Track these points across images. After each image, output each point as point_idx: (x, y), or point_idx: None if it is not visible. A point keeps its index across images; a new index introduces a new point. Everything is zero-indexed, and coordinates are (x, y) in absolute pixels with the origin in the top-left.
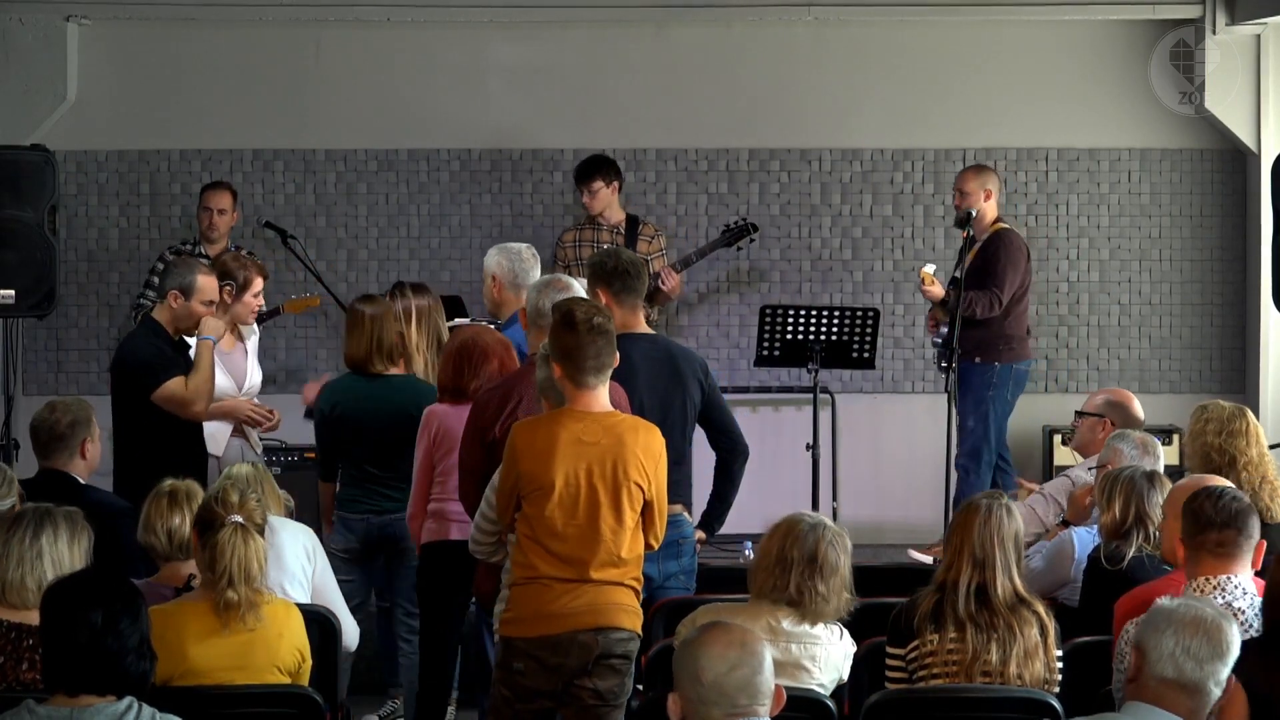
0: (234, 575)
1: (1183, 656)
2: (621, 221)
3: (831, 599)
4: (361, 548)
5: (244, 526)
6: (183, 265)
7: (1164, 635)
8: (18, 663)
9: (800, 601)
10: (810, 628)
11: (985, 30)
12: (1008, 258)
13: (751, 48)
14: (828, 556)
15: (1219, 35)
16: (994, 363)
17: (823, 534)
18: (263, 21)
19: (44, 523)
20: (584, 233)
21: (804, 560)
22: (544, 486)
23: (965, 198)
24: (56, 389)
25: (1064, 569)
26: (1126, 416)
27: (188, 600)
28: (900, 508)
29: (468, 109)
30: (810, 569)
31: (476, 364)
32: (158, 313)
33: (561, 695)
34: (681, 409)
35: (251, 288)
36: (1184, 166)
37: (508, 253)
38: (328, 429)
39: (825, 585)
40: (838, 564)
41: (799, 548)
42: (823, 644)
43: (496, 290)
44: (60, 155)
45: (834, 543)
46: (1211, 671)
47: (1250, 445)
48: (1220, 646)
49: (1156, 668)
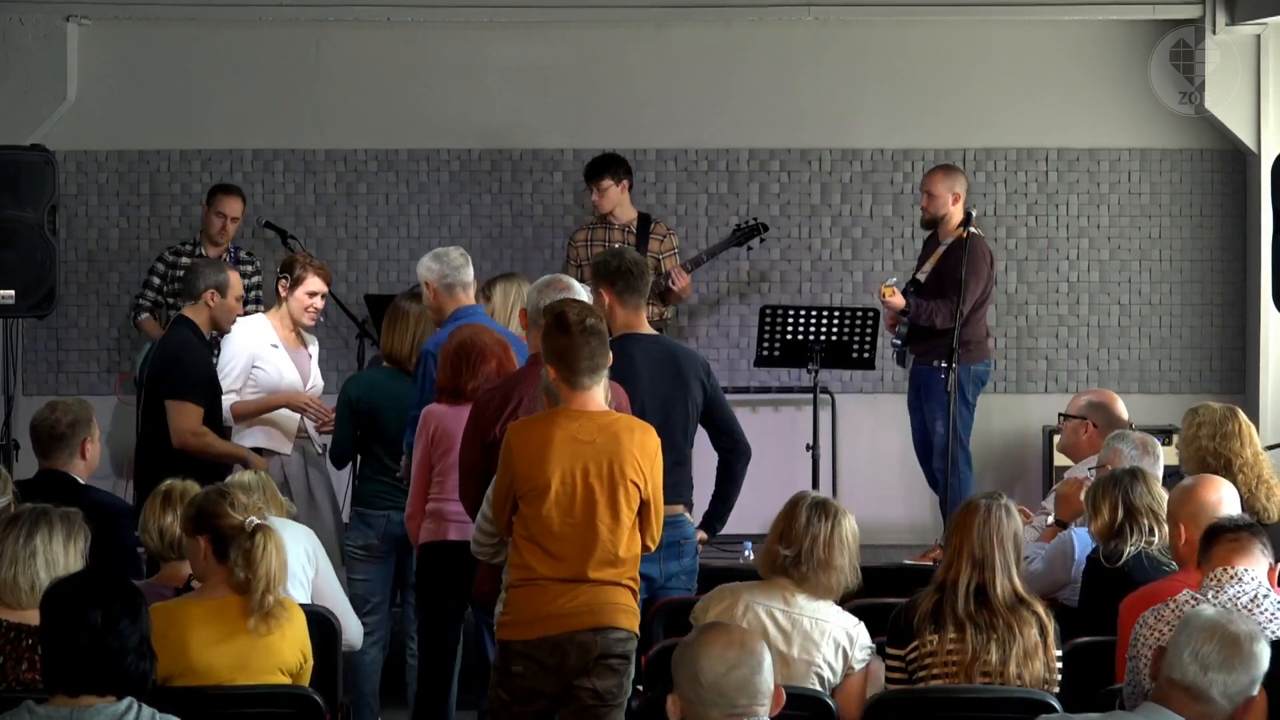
0: (272, 579)
1: (1190, 659)
2: (633, 220)
3: (839, 573)
4: (380, 544)
5: (271, 529)
6: (209, 266)
7: (1182, 636)
8: (17, 663)
9: (808, 576)
10: (818, 604)
11: (985, 30)
12: (971, 267)
13: (751, 48)
14: (835, 531)
15: (1219, 35)
16: (953, 365)
17: (831, 509)
18: (263, 21)
19: (40, 523)
20: (595, 232)
21: (812, 535)
22: (540, 486)
23: (933, 200)
24: (56, 389)
25: (1063, 569)
26: (1109, 417)
27: (193, 599)
28: (900, 508)
29: (468, 109)
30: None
31: (475, 364)
32: (192, 313)
33: (560, 696)
34: (683, 409)
35: (305, 285)
36: (1184, 166)
37: (436, 256)
38: (354, 419)
39: (835, 559)
40: (844, 539)
41: (808, 523)
42: (828, 624)
43: (432, 296)
44: (60, 155)
45: (840, 518)
46: (1217, 681)
47: (1244, 446)
48: (1233, 660)
49: (1167, 667)
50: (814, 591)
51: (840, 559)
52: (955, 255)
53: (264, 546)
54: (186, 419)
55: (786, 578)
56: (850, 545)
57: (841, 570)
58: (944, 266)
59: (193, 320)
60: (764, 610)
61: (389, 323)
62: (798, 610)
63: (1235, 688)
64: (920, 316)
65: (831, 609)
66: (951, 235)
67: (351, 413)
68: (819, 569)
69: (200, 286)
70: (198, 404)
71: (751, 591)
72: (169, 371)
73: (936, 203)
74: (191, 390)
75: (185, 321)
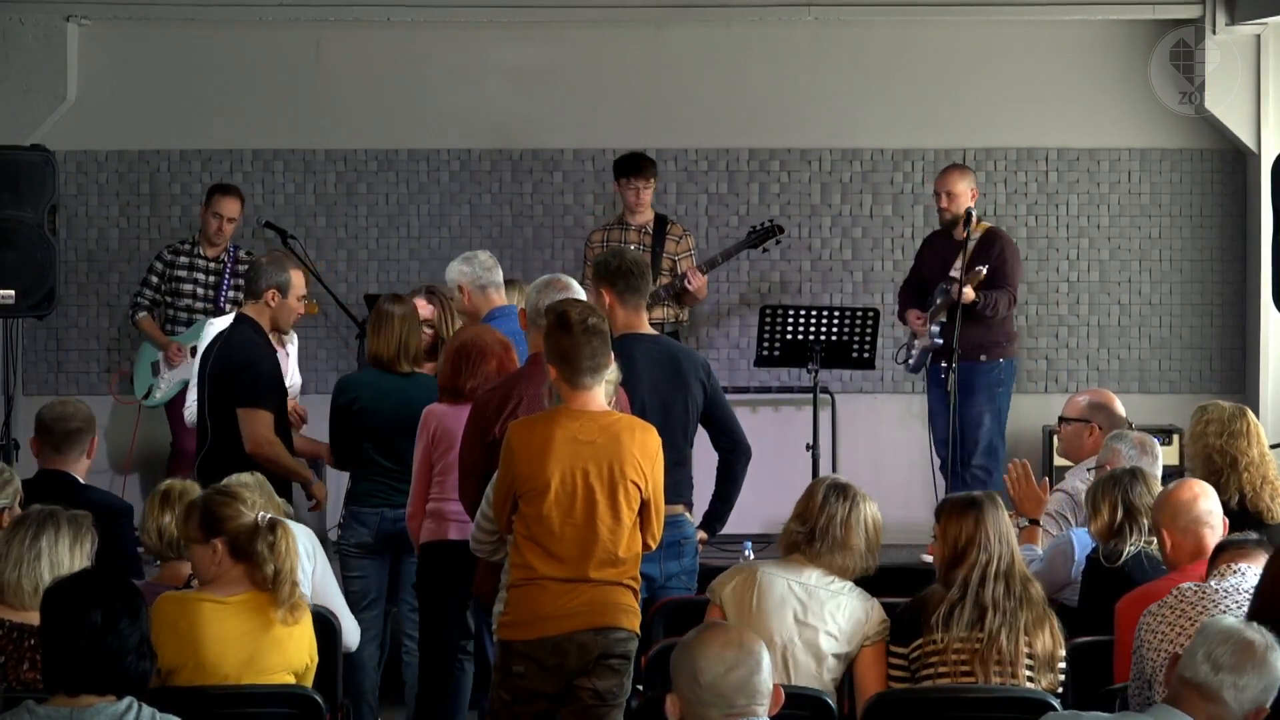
0: (294, 571)
1: (1203, 659)
2: (649, 221)
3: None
4: (375, 542)
5: (284, 521)
6: (274, 263)
7: (1198, 639)
8: (19, 663)
9: (822, 554)
10: (834, 579)
11: (985, 30)
12: (1014, 256)
13: (751, 48)
14: (854, 513)
15: (1219, 35)
16: (998, 359)
17: (851, 492)
18: (263, 21)
19: (46, 524)
20: (612, 233)
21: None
22: (540, 486)
23: (954, 199)
24: (56, 389)
25: (1064, 569)
26: (1112, 418)
27: (208, 594)
28: (900, 508)
29: (468, 109)
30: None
31: (475, 363)
32: (254, 312)
33: (561, 696)
34: (683, 409)
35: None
36: (1184, 166)
37: (468, 260)
38: (345, 422)
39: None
40: (862, 521)
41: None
42: (844, 596)
43: (466, 299)
44: (60, 155)
45: (859, 501)
46: (1227, 681)
47: (1251, 446)
48: (1244, 662)
49: (1180, 668)
50: (829, 569)
51: (856, 540)
52: (993, 249)
53: (285, 539)
54: (262, 426)
55: (802, 555)
56: (869, 529)
57: (857, 552)
58: (982, 260)
59: (255, 319)
60: (782, 581)
61: (374, 326)
62: (814, 583)
63: (1247, 692)
64: (987, 308)
65: (847, 584)
66: (976, 231)
67: (344, 415)
68: (834, 548)
69: (262, 285)
70: (271, 410)
71: (768, 565)
72: (242, 378)
73: (958, 201)
74: (265, 398)
75: (248, 321)
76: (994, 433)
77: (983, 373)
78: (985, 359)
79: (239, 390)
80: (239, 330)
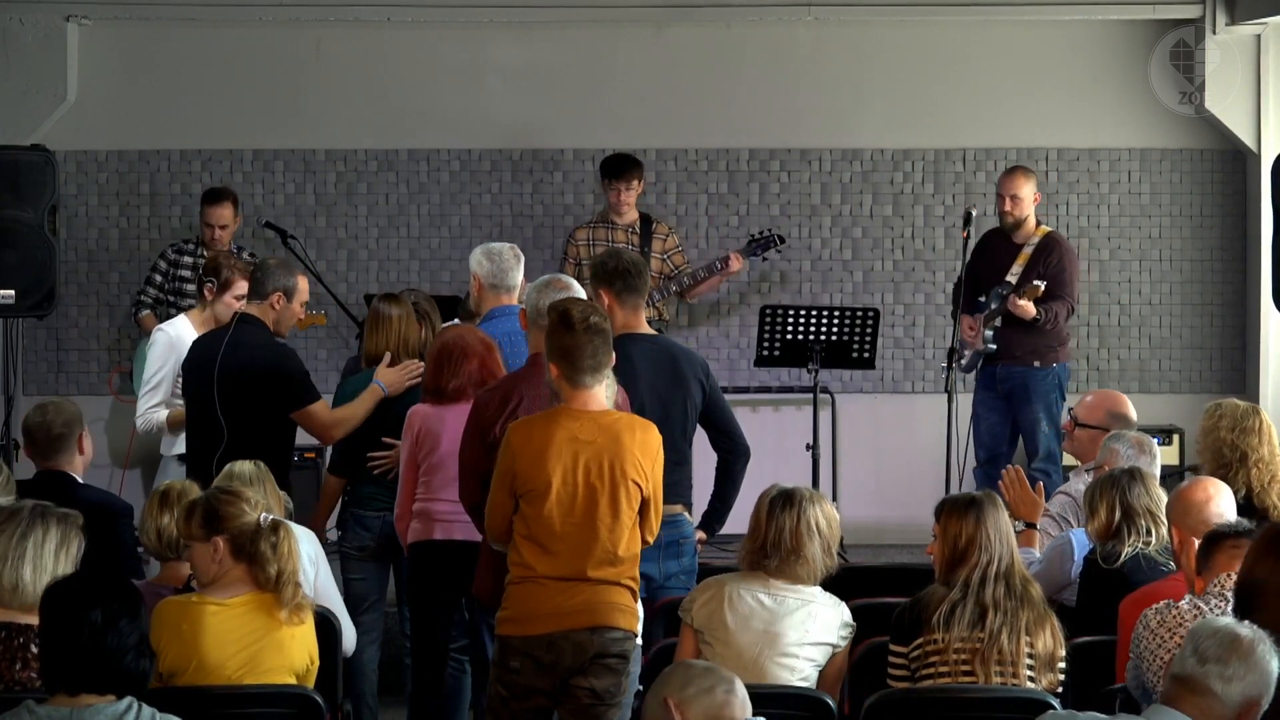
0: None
1: (1190, 654)
2: (635, 220)
3: (810, 562)
4: (377, 546)
5: (285, 521)
6: (282, 268)
7: (1189, 638)
8: (11, 662)
9: (782, 568)
10: (799, 587)
11: (986, 30)
12: (1073, 263)
13: (751, 48)
14: (801, 520)
15: (1219, 35)
16: (1053, 365)
17: (796, 498)
18: (263, 21)
19: (35, 524)
20: (597, 230)
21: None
22: (540, 486)
23: (1019, 203)
24: (56, 389)
25: (1062, 570)
26: (1128, 425)
27: (209, 596)
28: (900, 508)
29: (468, 109)
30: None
31: (456, 363)
32: (258, 312)
33: (558, 694)
34: (682, 409)
35: (233, 289)
36: (1184, 166)
37: (490, 253)
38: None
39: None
40: (812, 526)
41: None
42: (815, 604)
43: (477, 289)
44: (60, 155)
45: (806, 507)
46: (1214, 672)
47: (1262, 443)
48: (1229, 654)
49: (1172, 667)
50: (791, 580)
51: (810, 547)
52: (1047, 254)
53: (288, 540)
54: (321, 418)
55: (763, 570)
56: (822, 531)
57: (814, 557)
58: (1039, 269)
59: (260, 320)
60: (749, 594)
61: (370, 327)
62: (780, 593)
63: (1235, 683)
64: (1047, 323)
65: (814, 589)
66: (1034, 235)
67: None
68: (789, 559)
69: (269, 288)
70: (318, 398)
71: (734, 580)
72: (280, 385)
73: (1022, 205)
74: (309, 393)
75: (255, 321)
76: (1051, 438)
77: (1038, 379)
78: (1039, 365)
79: (282, 399)
80: (248, 332)
